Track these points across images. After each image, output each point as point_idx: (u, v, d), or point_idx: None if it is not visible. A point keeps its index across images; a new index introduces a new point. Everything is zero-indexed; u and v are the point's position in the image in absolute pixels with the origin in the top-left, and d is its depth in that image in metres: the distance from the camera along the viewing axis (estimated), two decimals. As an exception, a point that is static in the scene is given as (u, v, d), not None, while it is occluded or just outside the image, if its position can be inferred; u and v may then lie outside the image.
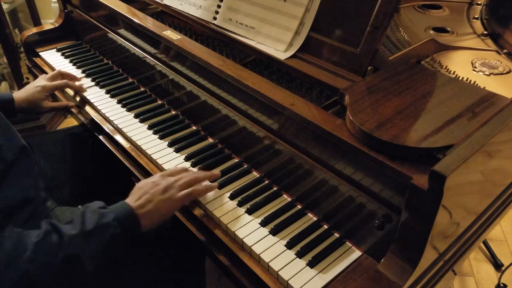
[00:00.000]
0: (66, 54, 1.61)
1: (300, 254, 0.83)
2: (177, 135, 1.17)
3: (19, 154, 0.92)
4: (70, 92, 1.41)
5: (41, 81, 1.33)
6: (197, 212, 0.95)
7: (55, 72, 1.37)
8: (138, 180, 1.11)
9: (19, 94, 1.26)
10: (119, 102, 1.32)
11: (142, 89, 1.39)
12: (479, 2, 1.45)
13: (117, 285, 0.93)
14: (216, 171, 1.00)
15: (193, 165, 1.06)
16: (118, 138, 1.20)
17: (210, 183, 0.98)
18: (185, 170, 0.96)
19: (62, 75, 1.39)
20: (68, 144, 1.32)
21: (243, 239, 0.86)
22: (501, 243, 1.91)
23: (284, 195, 0.98)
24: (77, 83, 1.39)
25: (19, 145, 0.93)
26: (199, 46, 1.15)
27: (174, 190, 0.88)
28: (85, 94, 1.37)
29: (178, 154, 1.10)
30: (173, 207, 0.89)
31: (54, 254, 0.73)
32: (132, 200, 0.86)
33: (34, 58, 1.65)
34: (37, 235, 0.74)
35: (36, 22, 2.50)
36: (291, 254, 0.84)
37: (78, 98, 1.38)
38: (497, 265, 1.79)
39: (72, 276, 0.76)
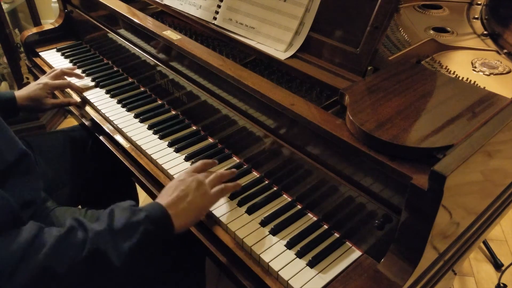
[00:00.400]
0: (66, 54, 1.62)
1: (300, 254, 0.83)
2: (177, 135, 1.17)
3: (19, 156, 0.92)
4: (71, 92, 1.41)
5: (44, 78, 1.33)
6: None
7: (57, 70, 1.37)
8: (138, 180, 1.11)
9: (20, 92, 1.26)
10: (119, 102, 1.32)
11: (142, 89, 1.39)
12: (479, 2, 1.45)
13: (117, 285, 0.93)
14: (234, 169, 0.99)
15: (193, 165, 1.06)
16: (118, 138, 1.20)
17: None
18: (205, 164, 0.95)
19: (65, 73, 1.39)
20: (68, 144, 1.32)
21: (243, 239, 0.86)
22: (501, 243, 1.91)
23: (284, 195, 0.98)
24: (78, 84, 1.40)
25: (18, 148, 0.93)
26: (199, 46, 1.15)
27: (207, 186, 0.87)
28: (85, 94, 1.37)
29: (178, 154, 1.10)
30: (209, 203, 0.87)
31: (78, 250, 0.70)
32: (162, 200, 0.83)
33: (34, 58, 1.65)
34: (59, 230, 0.72)
35: (36, 22, 2.50)
36: (291, 254, 0.84)
37: (78, 99, 1.38)
38: (497, 265, 1.79)
39: (99, 273, 0.73)
